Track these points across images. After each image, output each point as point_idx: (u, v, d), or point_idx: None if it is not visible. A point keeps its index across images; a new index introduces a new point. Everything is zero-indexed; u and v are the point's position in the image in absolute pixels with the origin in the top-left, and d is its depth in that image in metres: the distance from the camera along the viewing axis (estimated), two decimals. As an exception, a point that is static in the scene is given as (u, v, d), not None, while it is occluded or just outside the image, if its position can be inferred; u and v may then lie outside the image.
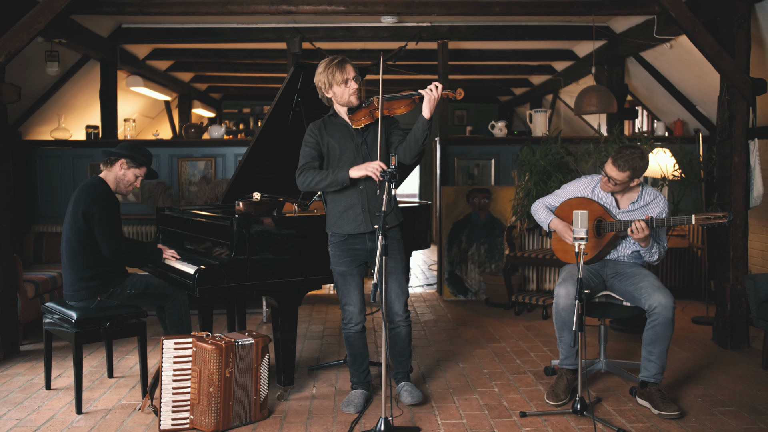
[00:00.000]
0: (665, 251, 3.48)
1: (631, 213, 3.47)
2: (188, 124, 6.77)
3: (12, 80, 4.53)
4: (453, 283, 6.04)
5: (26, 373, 3.92)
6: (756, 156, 4.42)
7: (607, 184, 3.46)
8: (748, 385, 3.64)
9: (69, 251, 3.39)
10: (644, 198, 3.49)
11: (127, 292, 3.47)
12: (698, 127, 6.30)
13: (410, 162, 3.23)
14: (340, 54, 3.25)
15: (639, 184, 3.48)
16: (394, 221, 3.26)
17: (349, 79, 3.13)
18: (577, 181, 3.67)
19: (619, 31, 5.93)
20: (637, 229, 3.25)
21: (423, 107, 3.04)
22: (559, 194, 3.69)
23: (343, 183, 3.10)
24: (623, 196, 3.52)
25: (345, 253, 3.24)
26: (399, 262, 3.27)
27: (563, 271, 3.55)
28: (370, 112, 3.14)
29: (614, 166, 3.37)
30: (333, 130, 3.23)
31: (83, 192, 3.41)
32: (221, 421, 2.98)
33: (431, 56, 6.88)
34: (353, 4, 4.87)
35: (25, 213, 6.04)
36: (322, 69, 3.16)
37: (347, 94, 3.15)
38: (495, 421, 3.15)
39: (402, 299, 3.28)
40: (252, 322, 5.16)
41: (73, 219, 3.37)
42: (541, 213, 3.66)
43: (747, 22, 4.27)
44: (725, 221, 3.19)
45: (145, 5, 4.83)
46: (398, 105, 3.13)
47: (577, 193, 3.62)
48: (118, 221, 3.45)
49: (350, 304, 3.26)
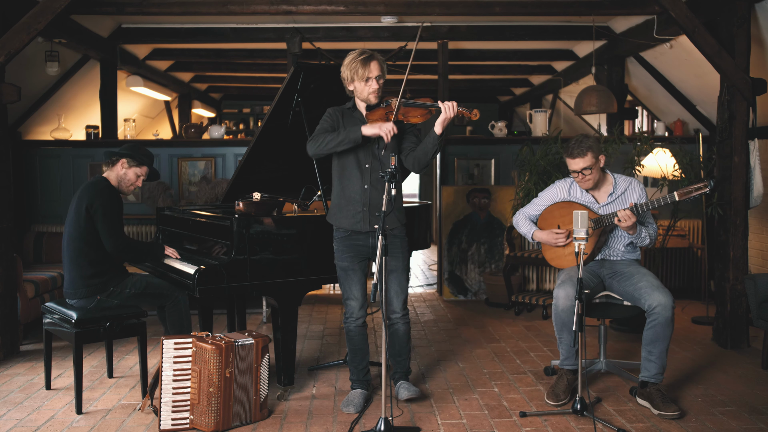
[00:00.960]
0: (656, 232, 3.50)
1: (612, 204, 3.50)
2: (188, 124, 6.77)
3: (12, 80, 4.52)
4: (453, 283, 6.04)
5: (26, 373, 3.92)
6: (756, 156, 4.42)
7: (582, 180, 3.46)
8: (748, 385, 3.64)
9: (70, 248, 3.41)
10: (619, 186, 3.51)
11: (127, 292, 3.47)
12: (698, 127, 6.30)
13: (418, 172, 3.26)
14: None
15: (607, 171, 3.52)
16: (395, 223, 3.26)
17: (371, 78, 3.13)
18: (552, 187, 3.70)
19: (619, 31, 5.92)
20: (623, 218, 3.26)
21: (436, 123, 3.03)
22: (536, 203, 3.72)
23: (355, 141, 3.07)
24: (599, 191, 3.54)
25: (348, 249, 3.25)
26: (400, 261, 3.28)
27: (562, 273, 3.55)
28: (385, 115, 3.14)
29: (572, 158, 3.39)
30: (350, 122, 3.24)
31: (87, 189, 3.44)
32: (221, 421, 2.98)
33: (431, 56, 6.88)
34: (353, 4, 4.87)
35: (25, 213, 6.04)
36: (347, 61, 3.16)
37: (366, 92, 3.16)
38: (495, 421, 3.15)
39: (401, 297, 3.30)
40: (252, 322, 5.16)
41: (76, 215, 3.40)
42: (523, 226, 3.68)
43: (747, 22, 4.27)
44: (707, 190, 3.20)
45: (145, 5, 4.83)
46: (414, 113, 3.11)
47: (555, 198, 3.64)
48: (121, 217, 3.48)
49: (352, 298, 3.29)
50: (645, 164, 5.30)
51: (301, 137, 3.73)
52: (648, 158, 5.31)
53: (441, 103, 3.01)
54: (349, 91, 3.24)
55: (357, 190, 3.20)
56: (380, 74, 3.14)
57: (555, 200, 3.64)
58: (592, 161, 3.38)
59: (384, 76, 3.18)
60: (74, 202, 3.45)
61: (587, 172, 3.41)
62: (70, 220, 3.44)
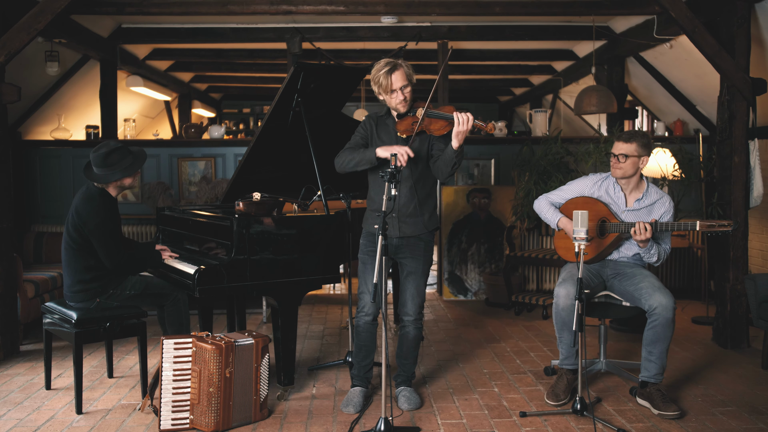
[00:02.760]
0: (667, 254, 3.46)
1: (637, 212, 3.47)
2: (188, 124, 6.78)
3: (12, 80, 4.52)
4: (453, 283, 6.04)
5: (26, 373, 3.92)
6: (756, 156, 4.42)
7: (614, 166, 3.45)
8: (748, 385, 3.64)
9: (68, 254, 3.39)
10: (650, 196, 3.48)
11: (127, 293, 3.46)
12: (698, 127, 6.29)
13: (443, 181, 3.29)
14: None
15: (645, 179, 3.50)
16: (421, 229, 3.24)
17: (395, 90, 3.14)
18: (584, 178, 3.64)
19: (619, 31, 5.93)
20: (640, 230, 3.25)
21: (452, 137, 3.01)
22: (564, 190, 3.66)
23: (370, 162, 3.13)
24: (629, 194, 3.51)
25: (371, 244, 3.28)
26: (421, 264, 3.27)
27: (563, 271, 3.54)
28: (411, 125, 3.15)
29: (619, 141, 3.43)
30: (383, 130, 3.29)
31: (83, 204, 3.35)
32: (221, 421, 2.98)
33: (431, 56, 6.88)
34: (353, 4, 4.87)
35: (25, 213, 6.04)
36: (373, 74, 3.18)
37: (393, 103, 3.19)
38: (495, 421, 3.15)
39: (416, 301, 3.28)
40: (252, 322, 5.16)
41: (73, 226, 3.35)
42: (548, 212, 3.62)
43: (747, 22, 4.27)
44: (729, 229, 3.18)
45: (145, 5, 4.83)
46: (436, 125, 3.10)
47: (584, 191, 3.59)
48: (118, 233, 3.44)
49: (366, 292, 3.29)
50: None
51: (301, 137, 3.73)
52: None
53: (455, 116, 2.97)
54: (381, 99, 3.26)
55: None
56: (405, 84, 3.14)
57: (583, 193, 3.59)
58: (633, 151, 3.39)
59: (411, 83, 3.17)
60: (72, 210, 3.38)
61: (622, 159, 3.41)
62: (68, 226, 3.39)
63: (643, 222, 3.25)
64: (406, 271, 3.27)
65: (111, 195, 3.44)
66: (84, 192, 3.42)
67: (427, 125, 3.12)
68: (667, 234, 3.46)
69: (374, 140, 3.27)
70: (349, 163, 3.20)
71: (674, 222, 3.29)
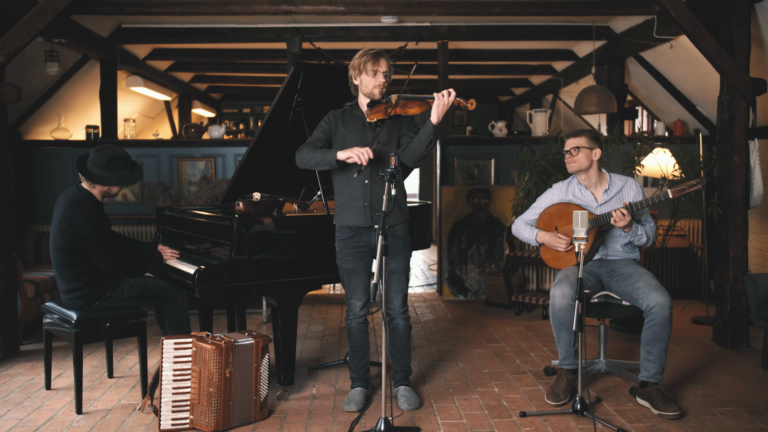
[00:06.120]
0: (654, 231, 3.52)
1: (609, 203, 3.53)
2: (188, 124, 6.77)
3: (12, 80, 4.52)
4: (453, 283, 6.04)
5: (26, 373, 3.92)
6: (756, 156, 4.42)
7: (569, 161, 3.53)
8: (748, 385, 3.64)
9: (58, 263, 3.35)
10: (615, 185, 3.55)
11: (125, 295, 3.46)
12: (698, 127, 6.30)
13: (413, 166, 3.26)
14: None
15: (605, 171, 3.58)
16: (398, 219, 3.25)
17: (379, 71, 3.16)
18: (550, 190, 3.75)
19: (619, 31, 5.93)
20: (618, 217, 3.28)
21: (432, 112, 3.03)
22: (535, 207, 3.75)
23: (330, 164, 3.11)
24: (596, 189, 3.58)
25: (350, 250, 3.26)
26: (401, 261, 3.27)
27: (559, 272, 3.55)
28: (385, 109, 3.15)
29: (569, 138, 3.55)
30: (349, 121, 3.27)
31: (69, 209, 3.30)
32: (221, 421, 2.98)
33: (431, 56, 6.88)
34: (353, 4, 4.87)
35: (25, 213, 6.04)
36: (358, 55, 3.21)
37: (372, 84, 3.18)
38: (495, 421, 3.15)
39: (400, 296, 3.30)
40: (252, 322, 5.16)
41: (61, 234, 3.30)
42: (524, 231, 3.69)
43: (747, 22, 4.27)
44: (700, 187, 3.24)
45: (145, 5, 4.83)
46: (412, 105, 3.13)
47: (553, 200, 3.68)
48: (109, 237, 3.40)
49: (354, 298, 3.31)
50: (645, 164, 5.31)
51: (301, 137, 3.73)
52: (648, 158, 5.31)
53: (436, 94, 3.02)
54: (354, 86, 3.25)
55: (358, 186, 3.20)
56: (387, 71, 3.19)
57: (553, 202, 3.65)
58: (584, 143, 3.48)
59: (390, 75, 3.21)
60: (56, 216, 3.33)
61: (575, 152, 3.49)
62: (54, 235, 3.33)
63: (618, 209, 3.29)
64: (389, 270, 3.26)
65: (97, 199, 3.42)
66: (69, 197, 3.36)
67: (403, 106, 3.12)
68: (645, 211, 3.52)
69: (339, 133, 3.24)
70: (309, 161, 3.17)
71: (647, 198, 3.33)
